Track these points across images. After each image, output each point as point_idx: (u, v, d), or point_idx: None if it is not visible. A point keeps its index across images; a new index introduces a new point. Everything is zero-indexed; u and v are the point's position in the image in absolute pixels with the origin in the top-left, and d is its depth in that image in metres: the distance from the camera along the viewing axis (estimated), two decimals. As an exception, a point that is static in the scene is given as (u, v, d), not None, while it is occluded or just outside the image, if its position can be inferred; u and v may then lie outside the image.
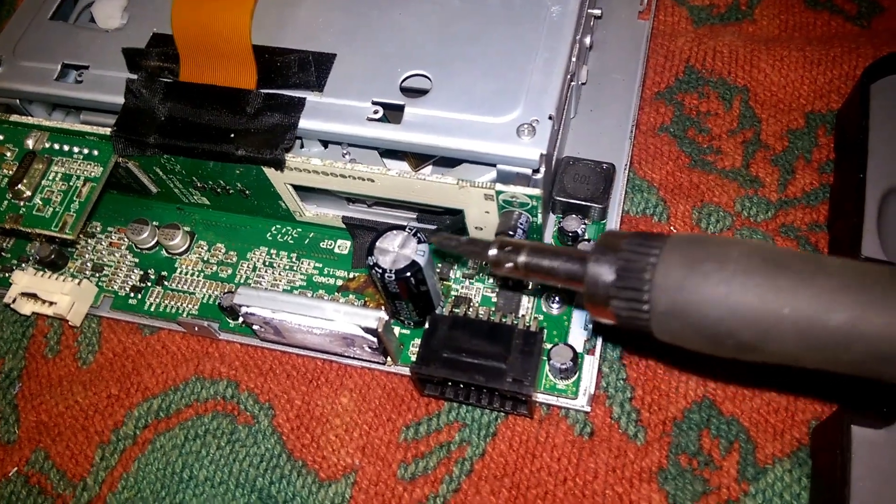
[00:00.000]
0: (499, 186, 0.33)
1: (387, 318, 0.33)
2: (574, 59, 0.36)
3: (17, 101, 0.40)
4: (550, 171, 0.37)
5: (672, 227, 0.40)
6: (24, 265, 0.42)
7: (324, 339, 0.35)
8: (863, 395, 0.33)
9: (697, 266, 0.23)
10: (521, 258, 0.27)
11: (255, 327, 0.36)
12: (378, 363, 0.37)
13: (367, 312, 0.33)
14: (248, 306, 0.34)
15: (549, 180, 0.37)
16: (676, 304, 0.23)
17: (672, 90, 0.44)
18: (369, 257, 0.33)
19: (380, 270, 0.33)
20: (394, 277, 0.33)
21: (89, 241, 0.43)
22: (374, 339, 0.34)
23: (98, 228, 0.43)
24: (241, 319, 0.36)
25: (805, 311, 0.21)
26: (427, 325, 0.35)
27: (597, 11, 0.41)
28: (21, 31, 0.40)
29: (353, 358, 0.38)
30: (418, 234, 0.34)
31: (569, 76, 0.36)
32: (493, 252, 0.28)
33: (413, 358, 0.37)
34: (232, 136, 0.35)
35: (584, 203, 0.38)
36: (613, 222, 0.39)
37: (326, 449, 0.37)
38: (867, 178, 0.35)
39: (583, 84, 0.42)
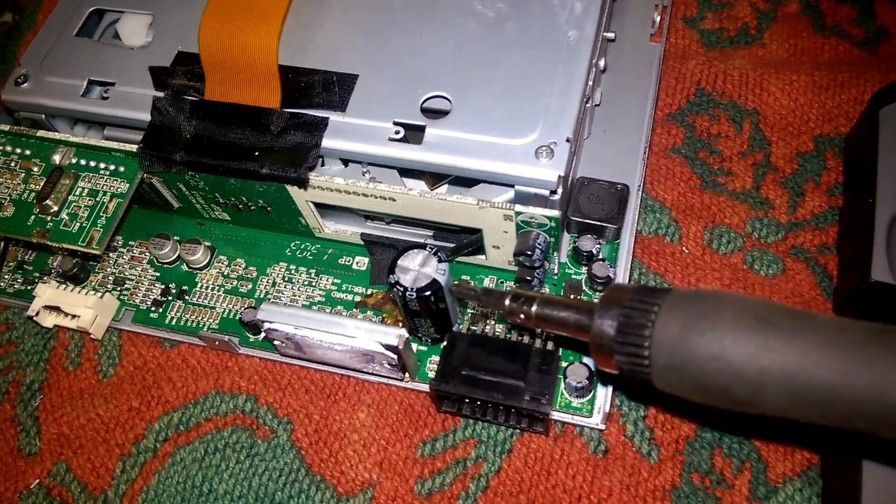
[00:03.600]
0: (518, 207, 0.34)
1: (407, 335, 0.34)
2: (590, 83, 0.37)
3: (43, 116, 0.41)
4: (566, 192, 0.38)
5: (684, 248, 0.41)
6: (46, 278, 0.43)
7: (344, 354, 0.36)
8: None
9: (694, 324, 0.24)
10: (534, 309, 0.29)
11: (276, 343, 0.37)
12: (396, 379, 0.38)
13: (388, 329, 0.34)
14: (271, 322, 0.35)
15: (565, 200, 0.38)
16: (674, 360, 0.24)
17: (683, 112, 0.45)
18: (391, 276, 0.34)
19: (401, 289, 0.34)
20: (415, 296, 0.34)
21: (111, 254, 0.43)
22: (394, 356, 0.35)
23: (120, 242, 0.44)
24: (262, 335, 0.36)
25: (792, 369, 0.22)
26: (445, 343, 0.36)
27: (610, 34, 0.42)
28: (47, 48, 0.41)
29: (371, 374, 0.38)
30: (439, 254, 0.34)
31: (585, 99, 0.37)
32: (507, 302, 0.29)
33: (430, 374, 0.37)
34: (257, 154, 0.36)
35: (598, 223, 0.38)
36: (627, 242, 0.40)
37: (344, 464, 0.38)
38: (877, 203, 0.36)
39: (596, 105, 0.43)
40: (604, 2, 0.38)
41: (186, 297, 0.41)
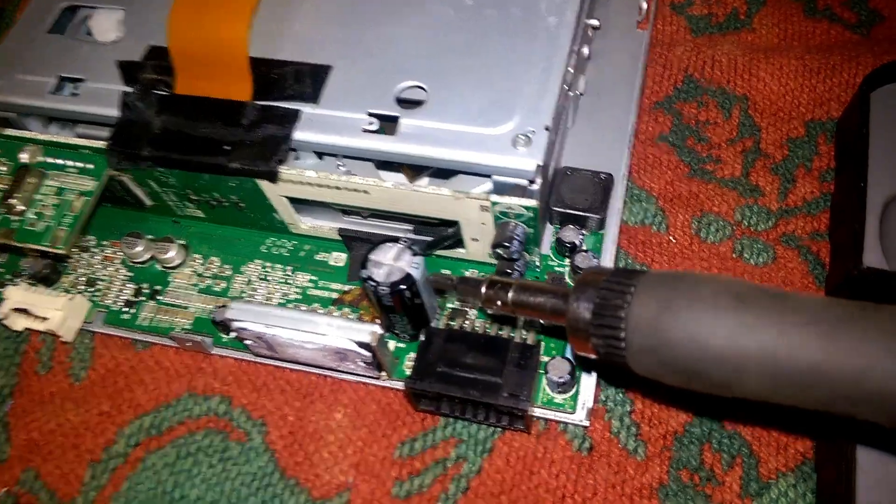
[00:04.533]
0: (494, 198, 0.33)
1: (381, 331, 0.33)
2: (571, 70, 0.36)
3: (14, 114, 0.40)
4: (547, 182, 0.37)
5: (671, 237, 0.40)
6: (16, 280, 0.42)
7: (317, 353, 0.34)
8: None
9: (669, 304, 0.23)
10: (510, 295, 0.29)
11: (247, 342, 0.36)
12: (373, 378, 0.37)
13: (361, 326, 0.33)
14: (240, 321, 0.34)
15: (547, 191, 0.37)
16: (650, 342, 0.23)
17: (671, 99, 0.44)
18: (362, 270, 0.33)
19: (373, 284, 0.32)
20: (388, 290, 0.32)
21: (83, 255, 0.42)
22: (369, 354, 0.33)
23: (92, 242, 0.43)
24: (233, 334, 0.35)
25: (771, 349, 0.21)
26: (422, 339, 0.35)
27: (595, 22, 0.40)
28: (19, 45, 0.40)
29: (348, 373, 0.37)
30: (413, 247, 0.33)
31: (566, 86, 0.35)
32: (483, 290, 0.29)
33: (409, 372, 0.36)
34: (227, 148, 0.35)
35: (581, 213, 0.37)
36: (612, 233, 0.38)
37: (319, 466, 0.36)
38: (868, 187, 0.34)
39: (581, 94, 0.42)
40: (584, -14, 0.37)
41: (159, 297, 0.40)
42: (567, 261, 0.38)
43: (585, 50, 0.40)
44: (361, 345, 0.33)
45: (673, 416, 0.35)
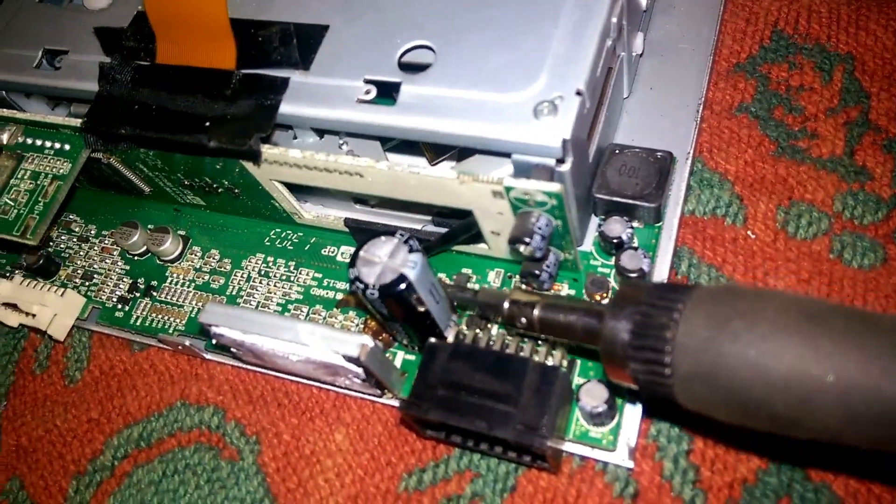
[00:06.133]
0: (508, 181, 0.26)
1: (372, 344, 0.27)
2: (617, 21, 0.29)
3: (3, 92, 0.37)
4: (588, 163, 0.30)
5: (749, 232, 0.32)
6: (14, 272, 0.39)
7: (306, 366, 0.29)
8: None
9: (726, 323, 0.20)
10: (536, 313, 0.26)
11: (232, 350, 0.31)
12: (374, 395, 0.31)
13: (348, 337, 0.27)
14: (216, 326, 0.29)
15: (588, 174, 0.30)
16: (701, 367, 0.20)
17: (755, 60, 0.36)
18: (350, 269, 0.27)
19: (362, 285, 0.27)
20: (377, 294, 0.26)
21: (82, 245, 0.39)
22: (359, 370, 0.28)
23: (92, 232, 0.39)
24: (214, 340, 0.30)
25: (853, 378, 0.18)
26: (424, 354, 0.29)
27: (657, -34, 0.33)
28: (7, 17, 0.37)
29: (348, 389, 0.32)
30: (410, 241, 0.27)
31: (609, 42, 0.28)
32: (505, 306, 0.27)
33: (416, 391, 0.30)
34: (207, 124, 0.30)
35: (630, 202, 0.30)
36: (671, 226, 0.31)
37: (314, 496, 0.31)
38: None
39: (639, 55, 0.34)
40: (637, -83, 0.30)
41: (154, 294, 0.36)
42: (613, 260, 0.31)
43: (644, 0, 0.33)
44: (349, 359, 0.27)
45: (743, 461, 0.28)
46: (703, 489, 0.28)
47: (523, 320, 0.26)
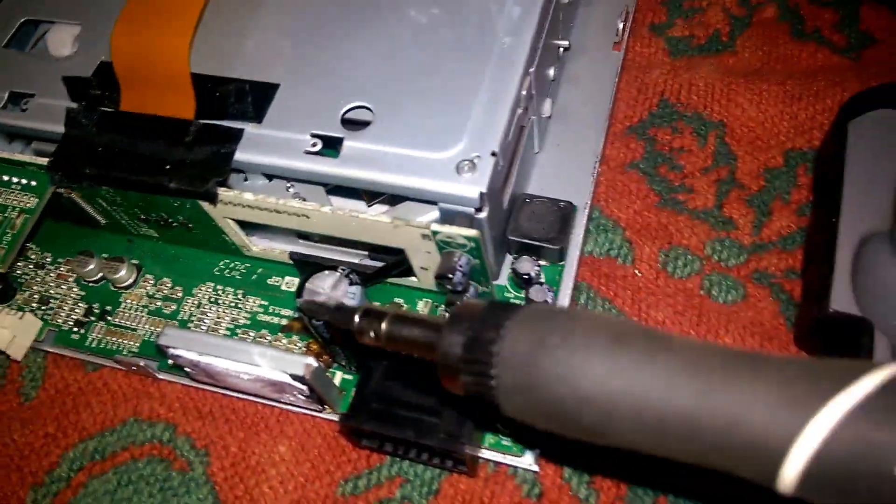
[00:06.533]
0: (434, 226, 0.31)
1: (316, 364, 0.31)
2: (526, 93, 0.34)
3: (-30, 131, 0.39)
4: (502, 210, 0.35)
5: (636, 271, 0.38)
6: (-30, 296, 0.41)
7: (255, 384, 0.33)
8: None
9: (543, 341, 0.21)
10: (383, 327, 0.26)
11: (186, 369, 0.34)
12: (315, 411, 0.35)
13: (295, 358, 0.31)
14: (174, 347, 0.33)
15: (502, 219, 0.35)
16: (521, 380, 0.21)
17: (644, 124, 0.42)
18: (297, 299, 0.31)
19: (308, 314, 0.31)
20: (321, 322, 0.31)
21: (38, 272, 0.42)
22: (304, 387, 0.32)
23: (48, 259, 0.42)
24: (171, 360, 0.34)
25: (642, 394, 0.20)
26: (361, 372, 0.33)
27: (564, 42, 0.39)
28: (-27, 60, 0.40)
29: (292, 405, 0.36)
30: (350, 276, 0.32)
31: (520, 110, 0.34)
32: (356, 320, 0.26)
33: (352, 406, 0.35)
34: (167, 167, 0.34)
35: (538, 243, 0.35)
36: (572, 264, 0.37)
37: (259, 501, 0.35)
38: (840, 223, 0.32)
39: (548, 117, 0.40)
40: (545, 7, 0.35)
41: (109, 318, 0.39)
42: (524, 293, 0.36)
43: (551, 72, 0.38)
44: (296, 378, 0.31)
45: (631, 465, 0.33)
46: (595, 489, 0.33)
47: (372, 334, 0.26)
